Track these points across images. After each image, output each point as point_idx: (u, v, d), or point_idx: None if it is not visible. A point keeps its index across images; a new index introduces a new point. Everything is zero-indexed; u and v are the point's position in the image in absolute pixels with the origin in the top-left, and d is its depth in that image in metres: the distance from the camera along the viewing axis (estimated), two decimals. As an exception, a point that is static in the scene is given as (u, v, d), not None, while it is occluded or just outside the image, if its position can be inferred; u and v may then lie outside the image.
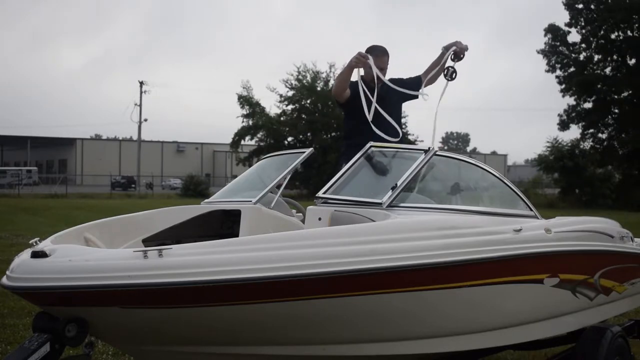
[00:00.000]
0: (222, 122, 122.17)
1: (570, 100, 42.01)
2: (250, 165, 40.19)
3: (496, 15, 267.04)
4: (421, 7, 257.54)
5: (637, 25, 39.91)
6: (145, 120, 57.03)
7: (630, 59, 40.93)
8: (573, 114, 41.96)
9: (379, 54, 5.28)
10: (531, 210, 4.61)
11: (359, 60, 5.04)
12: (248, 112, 48.61)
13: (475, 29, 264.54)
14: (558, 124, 42.28)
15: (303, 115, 47.16)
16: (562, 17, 61.08)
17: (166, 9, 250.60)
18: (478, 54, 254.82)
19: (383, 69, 5.26)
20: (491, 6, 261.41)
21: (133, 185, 55.53)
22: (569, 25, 41.42)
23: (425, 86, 5.38)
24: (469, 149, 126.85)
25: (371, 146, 4.64)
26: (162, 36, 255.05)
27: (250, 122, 48.62)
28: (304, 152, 5.55)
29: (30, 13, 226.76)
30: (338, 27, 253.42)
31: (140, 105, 56.43)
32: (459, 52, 5.27)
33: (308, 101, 47.04)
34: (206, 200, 5.07)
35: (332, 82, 47.06)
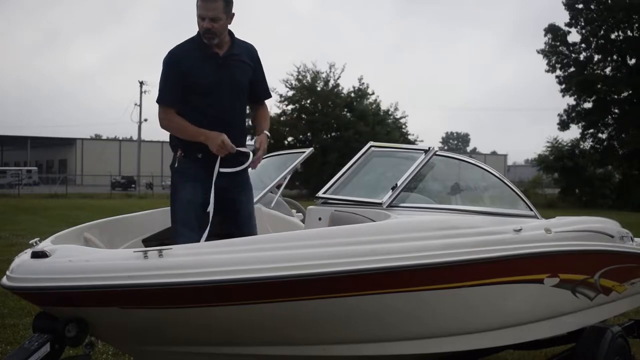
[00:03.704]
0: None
1: (570, 100, 42.10)
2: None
3: (512, 14, 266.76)
4: (438, 2, 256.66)
5: (637, 25, 39.93)
6: (146, 120, 57.17)
7: (630, 59, 40.95)
8: (573, 114, 41.98)
9: None
10: (531, 210, 4.61)
11: (223, 148, 3.83)
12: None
13: (490, 27, 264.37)
14: (558, 123, 42.34)
15: (303, 115, 47.14)
16: (562, 17, 61.12)
17: (166, 9, 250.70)
18: (487, 54, 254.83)
19: (216, 19, 3.84)
20: (512, 3, 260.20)
21: (133, 185, 55.50)
22: (569, 25, 41.46)
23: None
24: (469, 149, 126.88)
25: (371, 146, 4.64)
26: (162, 36, 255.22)
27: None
28: (304, 152, 5.56)
29: (31, 14, 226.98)
30: (351, 25, 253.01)
31: (140, 105, 56.52)
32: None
33: (308, 101, 47.02)
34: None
35: (332, 82, 47.13)
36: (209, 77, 3.94)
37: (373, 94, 47.99)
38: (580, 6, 40.80)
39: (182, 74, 3.92)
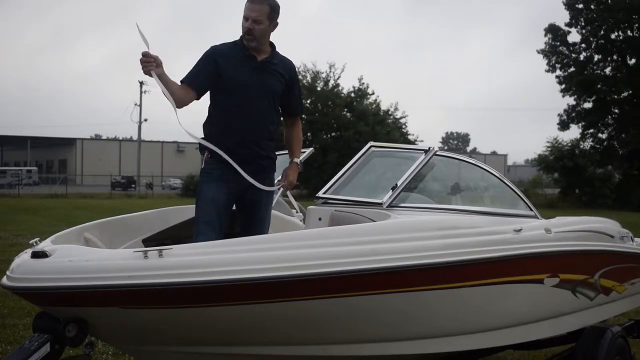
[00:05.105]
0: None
1: (570, 100, 42.10)
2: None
3: (512, 14, 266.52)
4: (438, 2, 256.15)
5: (637, 25, 39.92)
6: (146, 120, 57.29)
7: (630, 59, 40.95)
8: (573, 114, 41.99)
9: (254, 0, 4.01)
10: (531, 210, 4.61)
11: (146, 65, 3.75)
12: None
13: (490, 28, 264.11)
14: (558, 124, 42.33)
15: (303, 115, 47.04)
16: (562, 17, 61.13)
17: (167, 10, 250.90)
18: (487, 54, 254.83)
19: (258, 21, 3.99)
20: (511, 4, 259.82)
21: (133, 185, 55.45)
22: (569, 25, 41.45)
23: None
24: (469, 149, 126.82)
25: (371, 146, 4.65)
26: (163, 36, 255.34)
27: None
28: (304, 152, 5.55)
29: (32, 14, 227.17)
30: (351, 26, 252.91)
31: (140, 105, 56.56)
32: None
33: (308, 101, 47.00)
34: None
35: (332, 82, 47.14)
36: (242, 76, 4.04)
37: (373, 94, 47.95)
38: (580, 6, 40.78)
39: (214, 63, 4.02)
